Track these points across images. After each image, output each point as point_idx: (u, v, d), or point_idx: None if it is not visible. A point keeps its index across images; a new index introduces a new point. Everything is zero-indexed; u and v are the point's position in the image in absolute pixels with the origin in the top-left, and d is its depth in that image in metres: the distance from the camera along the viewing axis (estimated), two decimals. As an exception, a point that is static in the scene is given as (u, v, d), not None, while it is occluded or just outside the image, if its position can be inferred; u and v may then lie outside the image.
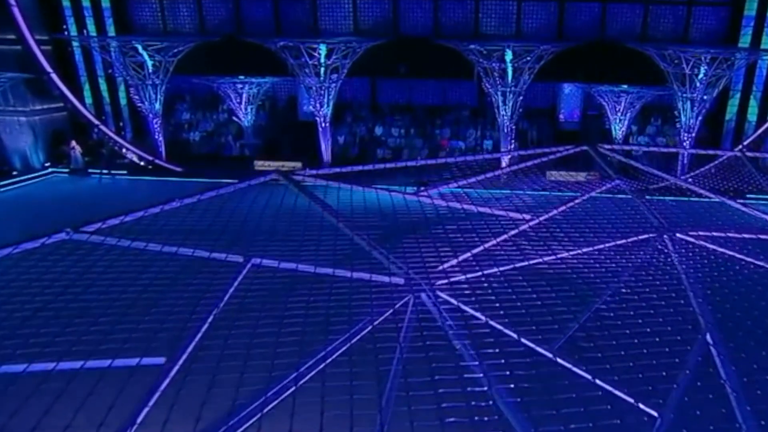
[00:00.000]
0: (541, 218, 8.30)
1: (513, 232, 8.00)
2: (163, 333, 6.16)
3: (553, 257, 7.38)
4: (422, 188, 9.34)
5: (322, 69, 28.85)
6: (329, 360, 5.93)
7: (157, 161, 31.26)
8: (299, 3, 32.18)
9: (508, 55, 27.27)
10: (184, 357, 5.79)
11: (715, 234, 7.68)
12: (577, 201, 9.00)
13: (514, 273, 7.11)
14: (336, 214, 7.38)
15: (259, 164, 31.02)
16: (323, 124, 30.30)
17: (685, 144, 28.50)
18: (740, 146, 29.20)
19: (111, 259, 7.56)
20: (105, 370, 5.54)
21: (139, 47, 29.04)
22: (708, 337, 5.30)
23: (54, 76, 29.90)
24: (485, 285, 6.64)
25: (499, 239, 7.72)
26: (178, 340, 6.03)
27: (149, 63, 29.56)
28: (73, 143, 31.06)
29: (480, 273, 6.83)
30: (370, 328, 5.92)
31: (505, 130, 29.13)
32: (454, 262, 7.02)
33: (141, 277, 7.25)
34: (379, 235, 7.44)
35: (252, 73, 31.99)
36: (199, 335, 6.08)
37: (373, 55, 29.52)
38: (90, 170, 31.04)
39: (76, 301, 6.85)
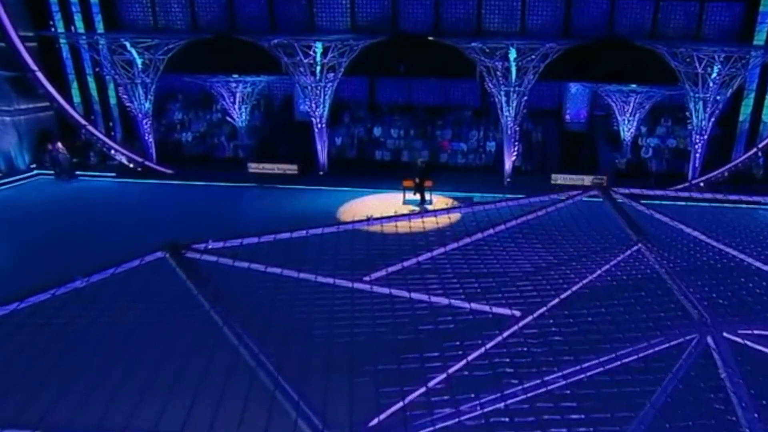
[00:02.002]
0: (533, 316, 5.82)
1: (490, 345, 5.40)
2: None
3: (555, 385, 4.88)
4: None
5: (318, 68, 27.68)
6: None
7: (147, 163, 30.10)
8: (295, -1, 31.05)
9: (512, 54, 26.04)
10: None
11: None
12: (588, 280, 6.64)
13: (497, 418, 4.64)
14: (226, 320, 4.80)
15: (253, 166, 29.91)
16: (319, 125, 29.12)
17: (696, 146, 27.28)
18: (756, 148, 28.01)
19: None
20: None
21: (128, 44, 27.90)
22: None
23: (39, 74, 28.77)
24: None
25: (458, 365, 5.15)
26: None
27: (138, 61, 28.40)
28: (59, 145, 29.92)
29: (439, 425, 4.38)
30: None
31: (509, 132, 27.89)
32: (396, 407, 4.65)
33: None
34: (293, 359, 4.97)
35: (246, 71, 30.81)
36: None
37: (372, 53, 28.36)
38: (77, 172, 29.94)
39: None
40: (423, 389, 4.85)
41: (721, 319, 5.59)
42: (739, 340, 5.34)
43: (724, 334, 5.39)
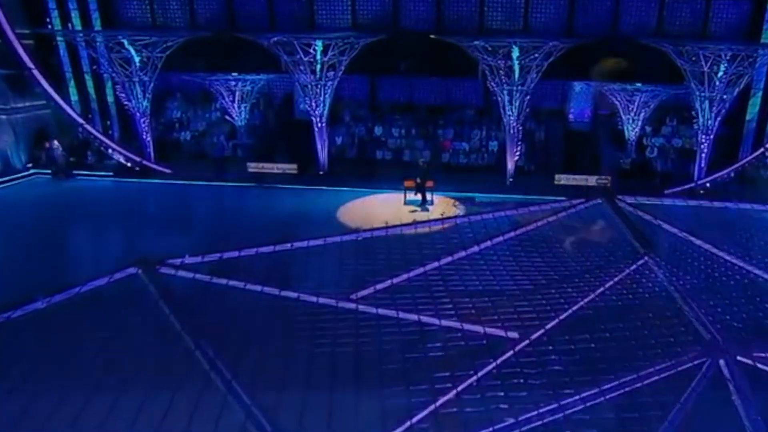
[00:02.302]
0: (529, 340, 5.32)
1: (482, 373, 4.91)
2: None
3: (552, 418, 4.41)
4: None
5: (318, 66, 27.27)
6: None
7: (144, 162, 29.73)
8: (295, -4, 30.66)
9: (515, 52, 25.59)
10: None
11: None
12: (590, 298, 6.09)
13: None
14: (198, 344, 4.32)
15: (252, 166, 29.57)
16: (319, 124, 28.71)
17: (702, 146, 26.82)
18: (763, 148, 27.51)
19: None
20: None
21: (126, 42, 27.53)
22: None
23: (36, 72, 28.42)
24: None
25: (446, 397, 4.69)
26: None
27: (136, 59, 28.02)
28: (55, 142, 29.58)
29: None
30: None
31: (512, 131, 27.46)
32: None
33: None
34: (268, 389, 4.56)
35: (246, 69, 30.42)
36: None
37: (373, 52, 27.91)
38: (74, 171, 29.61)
39: None
40: (408, 424, 4.41)
41: (735, 342, 5.13)
42: (754, 363, 4.88)
43: (738, 358, 4.94)
